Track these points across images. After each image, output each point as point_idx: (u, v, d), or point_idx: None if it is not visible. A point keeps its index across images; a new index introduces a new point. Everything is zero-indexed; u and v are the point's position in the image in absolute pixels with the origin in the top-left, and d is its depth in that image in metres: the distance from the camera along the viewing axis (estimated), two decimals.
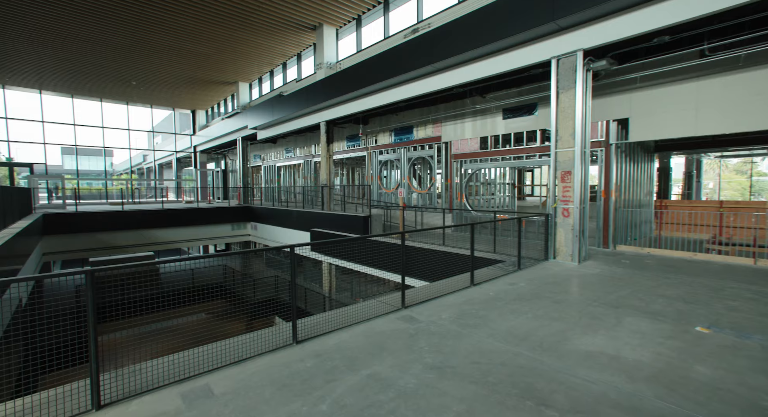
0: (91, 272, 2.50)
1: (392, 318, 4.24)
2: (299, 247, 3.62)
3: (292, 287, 3.57)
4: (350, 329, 3.91)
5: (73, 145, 24.42)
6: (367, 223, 11.97)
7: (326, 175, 14.35)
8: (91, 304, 2.50)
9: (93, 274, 2.51)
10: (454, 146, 12.46)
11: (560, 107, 6.96)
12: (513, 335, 3.68)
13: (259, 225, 18.80)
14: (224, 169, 29.16)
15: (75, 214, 15.06)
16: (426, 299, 4.89)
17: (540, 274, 6.27)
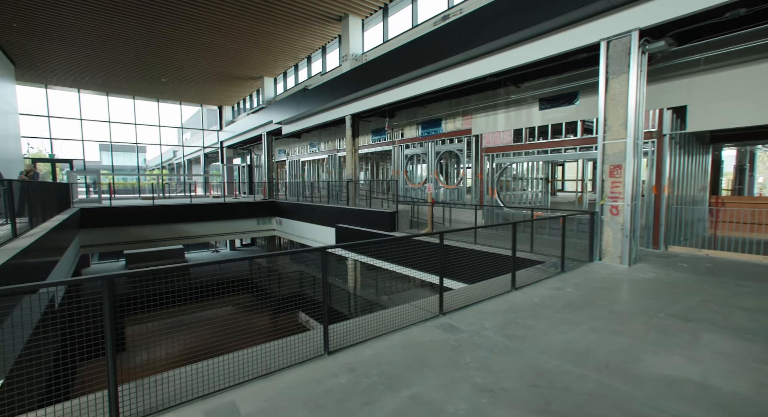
0: (109, 278, 2.27)
1: (430, 326, 3.88)
2: (332, 249, 3.31)
3: (324, 293, 3.27)
4: (385, 338, 3.57)
5: (109, 142, 25.30)
6: (394, 219, 11.62)
7: (351, 170, 14.08)
8: (108, 313, 2.27)
9: (111, 280, 2.27)
10: (484, 139, 11.87)
11: (610, 95, 6.32)
12: (571, 352, 3.24)
13: (283, 220, 18.82)
14: (250, 164, 29.51)
15: (109, 209, 15.49)
16: (465, 305, 4.50)
17: (587, 277, 5.73)
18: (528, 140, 10.60)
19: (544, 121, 9.92)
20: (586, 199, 11.60)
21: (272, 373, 2.90)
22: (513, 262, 5.19)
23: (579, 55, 7.68)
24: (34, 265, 6.48)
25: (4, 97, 16.93)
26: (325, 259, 3.26)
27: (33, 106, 22.63)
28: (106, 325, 2.28)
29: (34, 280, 6.22)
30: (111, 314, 2.29)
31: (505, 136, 11.23)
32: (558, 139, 9.91)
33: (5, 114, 16.59)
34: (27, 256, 5.80)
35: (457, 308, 4.39)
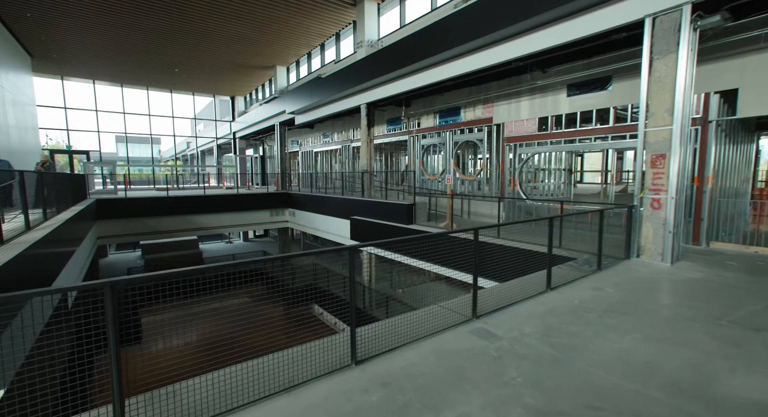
0: (111, 285, 1.97)
1: (464, 332, 3.54)
2: (363, 247, 2.98)
3: (351, 295, 2.94)
4: (417, 346, 3.24)
5: (124, 133, 25.42)
6: (411, 211, 11.25)
7: (367, 161, 13.71)
8: (112, 323, 1.99)
9: (113, 287, 1.98)
10: (506, 128, 11.33)
11: (654, 77, 5.77)
12: (629, 366, 2.86)
13: (297, 211, 18.63)
14: (262, 155, 29.38)
15: (124, 200, 15.50)
16: (499, 307, 4.13)
17: (627, 276, 5.29)
18: (554, 129, 10.04)
19: (572, 108, 9.34)
20: (612, 192, 11.01)
21: (295, 387, 2.60)
22: (549, 261, 4.78)
23: (616, 35, 7.09)
24: (49, 256, 6.35)
25: (22, 88, 16.99)
26: (353, 259, 2.93)
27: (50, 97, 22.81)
28: (109, 336, 2.00)
29: (47, 272, 6.09)
30: (115, 324, 2.00)
31: (529, 124, 10.67)
32: (587, 127, 9.33)
33: (23, 106, 16.66)
34: (40, 248, 5.64)
35: (491, 311, 4.03)
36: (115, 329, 2.01)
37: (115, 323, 2.01)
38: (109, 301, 1.98)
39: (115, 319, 2.00)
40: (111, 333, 2.00)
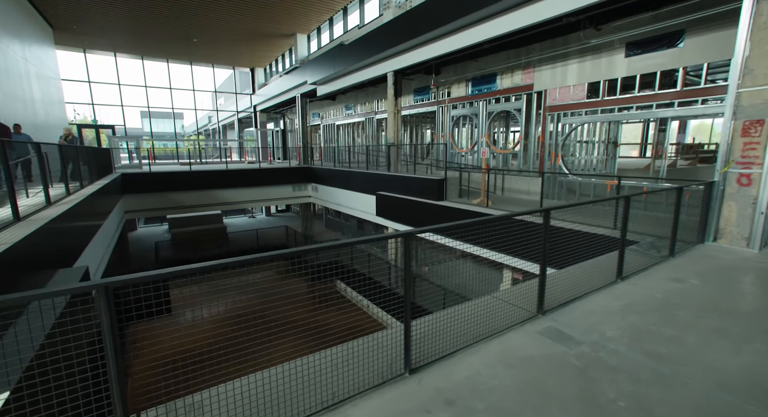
0: (106, 287, 1.48)
1: (531, 331, 2.97)
2: (420, 233, 2.41)
3: (406, 290, 2.39)
4: (478, 349, 2.71)
5: (146, 107, 25.34)
6: (442, 187, 10.56)
7: (393, 133, 12.95)
8: (109, 332, 1.51)
9: (109, 288, 1.49)
10: (549, 96, 10.26)
11: (757, 24, 4.74)
12: (766, 390, 2.23)
13: (320, 186, 18.21)
14: (283, 128, 28.88)
15: (149, 174, 15.43)
16: (566, 301, 3.53)
17: (709, 265, 4.54)
18: (607, 96, 8.94)
19: (630, 70, 8.22)
20: (665, 166, 9.88)
21: (340, 403, 2.12)
22: (622, 246, 4.09)
23: None
24: (71, 232, 6.12)
25: (45, 61, 16.82)
26: (409, 247, 2.36)
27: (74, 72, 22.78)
28: (107, 349, 1.53)
29: (69, 249, 5.87)
30: (113, 333, 1.53)
31: (577, 91, 9.59)
32: (646, 93, 8.21)
33: (47, 79, 16.55)
34: (60, 224, 5.37)
35: (558, 305, 3.43)
36: (113, 339, 1.53)
37: (114, 332, 1.53)
38: (105, 307, 1.49)
39: (113, 327, 1.53)
40: (108, 345, 1.53)
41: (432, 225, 2.83)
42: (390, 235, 2.41)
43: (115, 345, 1.53)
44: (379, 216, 12.84)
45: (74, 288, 1.50)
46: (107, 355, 1.52)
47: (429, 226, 2.51)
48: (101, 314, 1.48)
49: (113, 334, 1.52)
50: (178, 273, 1.66)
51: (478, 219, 2.85)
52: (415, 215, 11.14)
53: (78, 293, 1.54)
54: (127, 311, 1.69)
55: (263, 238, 19.31)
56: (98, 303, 1.49)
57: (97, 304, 1.50)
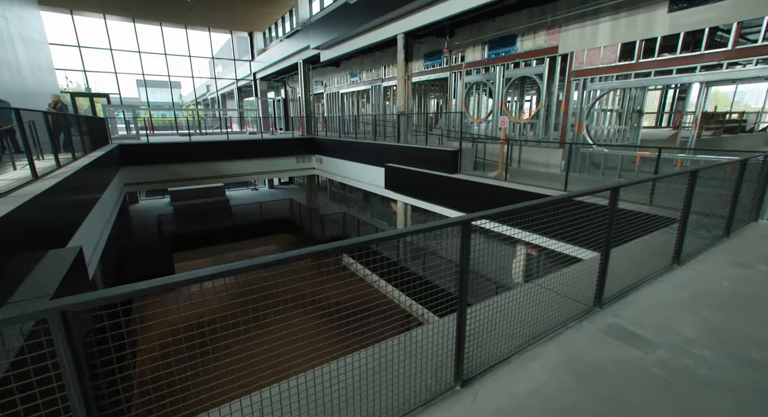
0: (62, 312, 1.01)
1: (592, 330, 2.54)
2: (479, 219, 1.91)
3: (461, 289, 1.93)
4: (536, 352, 2.28)
5: (141, 74, 24.21)
6: (457, 159, 9.95)
7: (404, 101, 12.15)
8: (70, 370, 1.05)
9: (66, 316, 1.01)
10: (576, 59, 9.43)
11: None
12: None
13: (324, 158, 17.56)
14: (285, 98, 27.79)
15: (148, 146, 14.81)
16: (623, 291, 3.07)
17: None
18: (643, 58, 8.13)
19: (674, 28, 7.38)
20: (693, 136, 9.19)
21: None
22: (681, 227, 3.59)
23: None
24: (63, 208, 5.66)
25: (29, 22, 15.74)
26: (468, 237, 1.87)
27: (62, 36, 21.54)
28: (71, 396, 1.07)
29: (62, 226, 5.43)
30: (77, 370, 1.07)
31: (608, 53, 8.76)
32: (692, 53, 7.42)
33: (33, 43, 15.55)
34: (49, 199, 4.90)
35: (615, 296, 2.98)
36: (77, 376, 1.07)
37: (78, 365, 1.07)
38: (61, 335, 1.02)
39: (76, 361, 1.06)
40: (70, 383, 1.07)
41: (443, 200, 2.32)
42: (446, 224, 1.90)
43: (82, 383, 1.07)
44: (389, 189, 12.32)
45: (27, 315, 1.01)
46: (69, 394, 1.07)
47: (487, 211, 2.00)
48: (57, 346, 1.02)
49: (77, 370, 1.06)
50: (152, 290, 1.17)
51: (543, 200, 2.33)
52: (428, 189, 10.62)
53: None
54: (103, 330, 1.23)
55: (267, 211, 18.90)
56: (53, 330, 1.02)
57: (53, 329, 1.03)
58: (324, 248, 1.44)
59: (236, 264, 1.28)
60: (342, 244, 1.49)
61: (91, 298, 1.04)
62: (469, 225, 1.83)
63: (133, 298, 1.11)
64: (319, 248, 1.43)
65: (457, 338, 1.94)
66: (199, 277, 1.20)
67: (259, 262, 1.30)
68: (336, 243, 1.48)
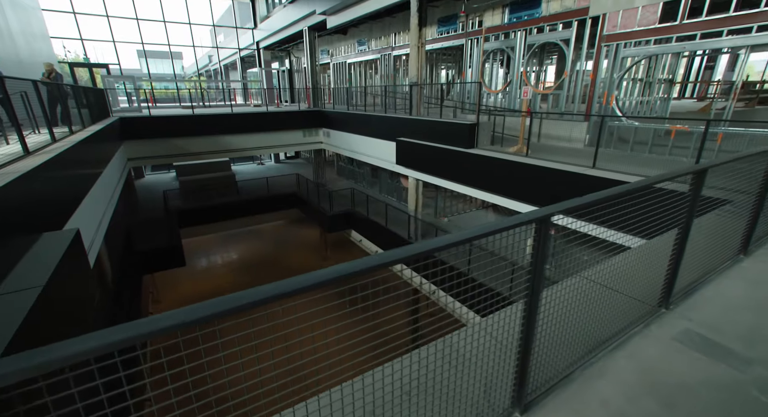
0: None
1: (663, 337, 2.15)
2: (556, 214, 1.47)
3: (530, 309, 1.53)
4: (603, 367, 1.92)
5: (140, 42, 23.27)
6: (474, 133, 9.37)
7: (417, 71, 11.39)
8: None
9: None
10: (609, 22, 8.59)
11: None
12: None
13: (332, 132, 16.96)
14: (290, 68, 26.75)
15: (150, 119, 14.31)
16: (688, 287, 2.67)
17: None
18: (687, 19, 7.32)
19: None
20: (730, 108, 8.43)
21: None
22: (755, 212, 3.12)
23: None
24: (59, 184, 5.31)
25: None
26: (546, 235, 1.45)
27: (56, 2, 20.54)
28: None
29: (59, 204, 5.10)
30: None
31: (647, 14, 7.92)
32: (750, 11, 6.61)
33: (24, 8, 14.77)
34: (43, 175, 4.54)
35: (680, 294, 2.58)
36: None
37: None
38: None
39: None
40: None
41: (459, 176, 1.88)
42: (520, 222, 1.46)
43: None
44: (400, 165, 11.81)
45: None
46: None
47: (566, 204, 1.56)
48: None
49: None
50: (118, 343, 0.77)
51: (624, 188, 1.87)
52: (442, 164, 10.11)
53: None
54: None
55: (274, 187, 18.55)
56: None
57: None
58: (380, 261, 1.03)
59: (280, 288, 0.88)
60: (403, 254, 1.07)
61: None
62: (547, 222, 1.41)
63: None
64: (375, 261, 1.02)
65: (522, 354, 1.56)
66: (263, 297, 0.81)
67: (310, 282, 0.89)
68: (395, 252, 1.06)
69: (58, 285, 3.16)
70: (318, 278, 0.90)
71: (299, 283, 0.87)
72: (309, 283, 0.88)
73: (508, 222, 1.30)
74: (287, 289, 0.85)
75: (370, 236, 14.17)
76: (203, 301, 0.80)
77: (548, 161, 7.65)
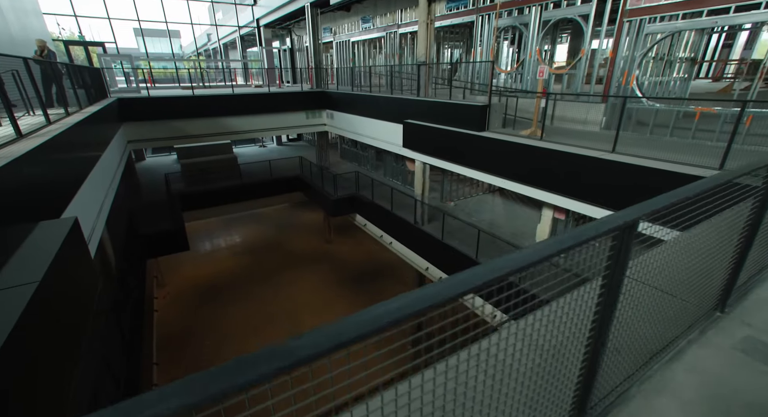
0: None
1: (722, 344, 1.94)
2: (646, 219, 1.22)
3: (602, 332, 1.30)
4: (661, 380, 1.71)
5: (136, 19, 22.51)
6: (485, 115, 8.99)
7: (425, 49, 10.89)
8: None
9: None
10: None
11: None
12: None
13: (336, 113, 16.51)
14: (291, 47, 25.94)
15: (149, 100, 13.90)
16: (738, 287, 2.43)
17: None
18: None
19: None
20: (756, 88, 8.00)
21: None
22: None
23: None
24: (56, 168, 5.07)
25: None
26: (629, 243, 1.20)
27: None
28: None
29: (52, 192, 4.87)
30: None
31: None
32: None
33: None
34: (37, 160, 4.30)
35: (732, 295, 2.35)
36: None
37: None
38: None
39: None
40: None
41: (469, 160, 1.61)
42: (603, 232, 1.22)
43: None
44: (407, 148, 11.48)
45: None
46: None
47: (656, 200, 1.31)
48: None
49: None
50: None
51: (708, 182, 1.61)
52: (452, 148, 9.78)
53: None
54: None
55: (276, 170, 18.24)
56: None
57: None
58: (452, 291, 0.79)
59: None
60: (476, 279, 0.83)
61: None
62: (633, 229, 1.15)
63: None
64: (444, 291, 0.77)
65: (587, 372, 1.35)
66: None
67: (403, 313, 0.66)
68: (464, 278, 0.82)
69: (56, 279, 2.96)
70: (365, 326, 0.66)
71: (340, 335, 0.63)
72: (352, 333, 0.64)
73: (590, 232, 1.05)
74: (324, 345, 0.61)
75: (376, 220, 13.97)
76: (205, 372, 0.56)
77: (564, 145, 7.32)
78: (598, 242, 1.15)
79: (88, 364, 5.34)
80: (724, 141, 6.30)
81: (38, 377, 2.43)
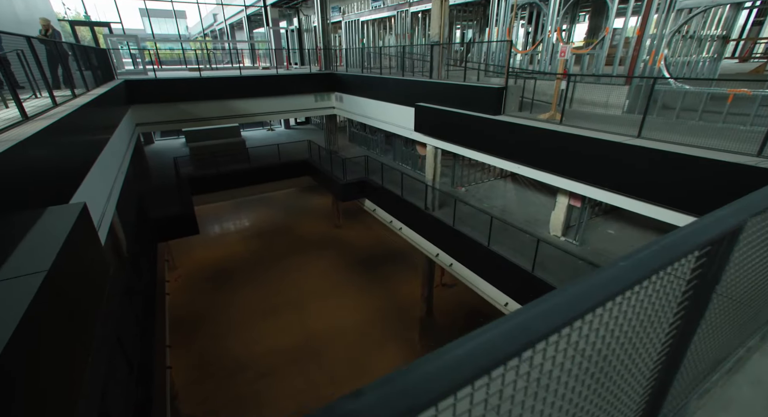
0: None
1: None
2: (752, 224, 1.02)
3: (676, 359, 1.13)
4: (724, 397, 1.54)
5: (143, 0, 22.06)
6: (502, 98, 8.63)
7: (439, 28, 10.42)
8: None
9: None
10: None
11: None
12: None
13: (345, 96, 16.14)
14: (299, 27, 25.27)
15: (156, 81, 13.68)
16: None
17: None
18: None
19: None
20: None
21: None
22: None
23: None
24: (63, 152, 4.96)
25: None
26: (724, 257, 1.01)
27: None
28: None
29: (60, 176, 4.76)
30: None
31: None
32: None
33: None
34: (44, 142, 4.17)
35: None
36: None
37: None
38: None
39: None
40: None
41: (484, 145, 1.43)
42: (682, 253, 1.03)
43: None
44: (419, 132, 11.17)
45: None
46: None
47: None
48: None
49: None
50: None
51: None
52: (466, 132, 9.47)
53: None
54: None
55: (285, 153, 18.05)
56: None
57: None
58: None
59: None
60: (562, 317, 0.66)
61: None
62: (734, 238, 0.96)
63: None
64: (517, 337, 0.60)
65: (655, 391, 1.18)
66: None
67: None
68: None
69: (65, 267, 2.86)
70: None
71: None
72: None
73: (671, 251, 0.85)
74: None
75: (385, 205, 13.81)
76: None
77: (586, 129, 6.99)
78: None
79: (100, 349, 5.36)
80: (760, 124, 5.93)
81: (49, 369, 2.34)
